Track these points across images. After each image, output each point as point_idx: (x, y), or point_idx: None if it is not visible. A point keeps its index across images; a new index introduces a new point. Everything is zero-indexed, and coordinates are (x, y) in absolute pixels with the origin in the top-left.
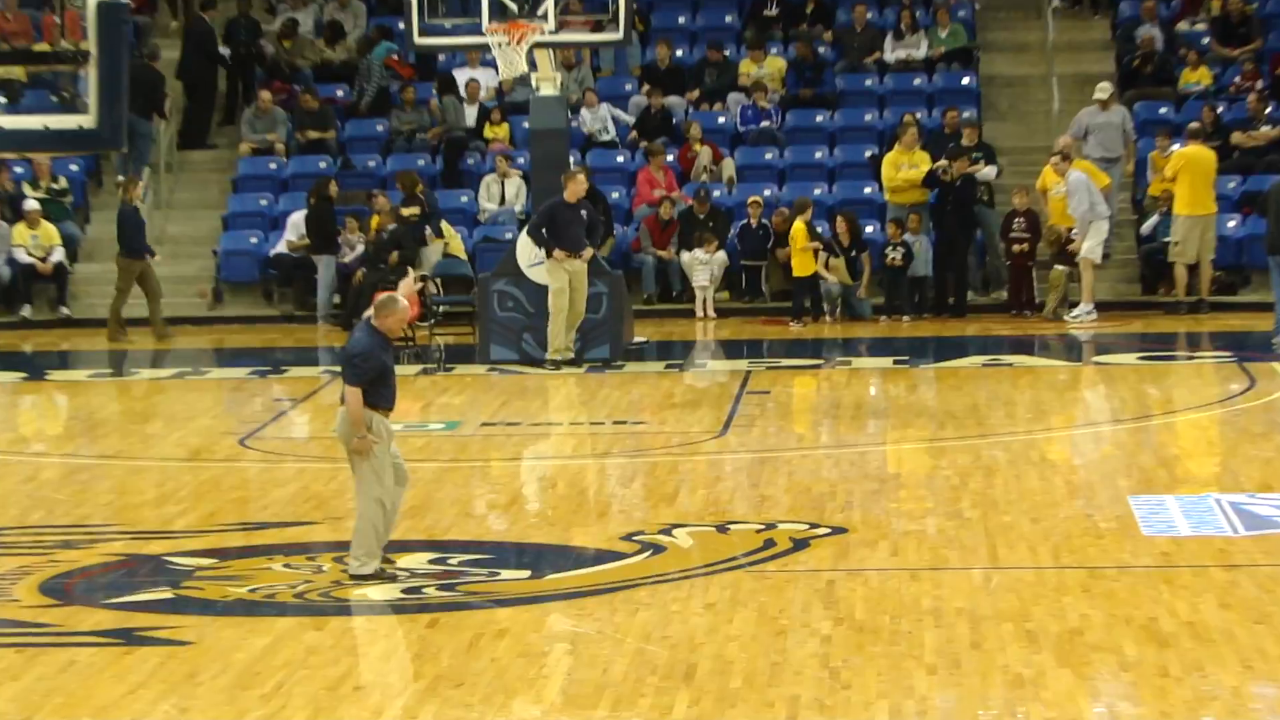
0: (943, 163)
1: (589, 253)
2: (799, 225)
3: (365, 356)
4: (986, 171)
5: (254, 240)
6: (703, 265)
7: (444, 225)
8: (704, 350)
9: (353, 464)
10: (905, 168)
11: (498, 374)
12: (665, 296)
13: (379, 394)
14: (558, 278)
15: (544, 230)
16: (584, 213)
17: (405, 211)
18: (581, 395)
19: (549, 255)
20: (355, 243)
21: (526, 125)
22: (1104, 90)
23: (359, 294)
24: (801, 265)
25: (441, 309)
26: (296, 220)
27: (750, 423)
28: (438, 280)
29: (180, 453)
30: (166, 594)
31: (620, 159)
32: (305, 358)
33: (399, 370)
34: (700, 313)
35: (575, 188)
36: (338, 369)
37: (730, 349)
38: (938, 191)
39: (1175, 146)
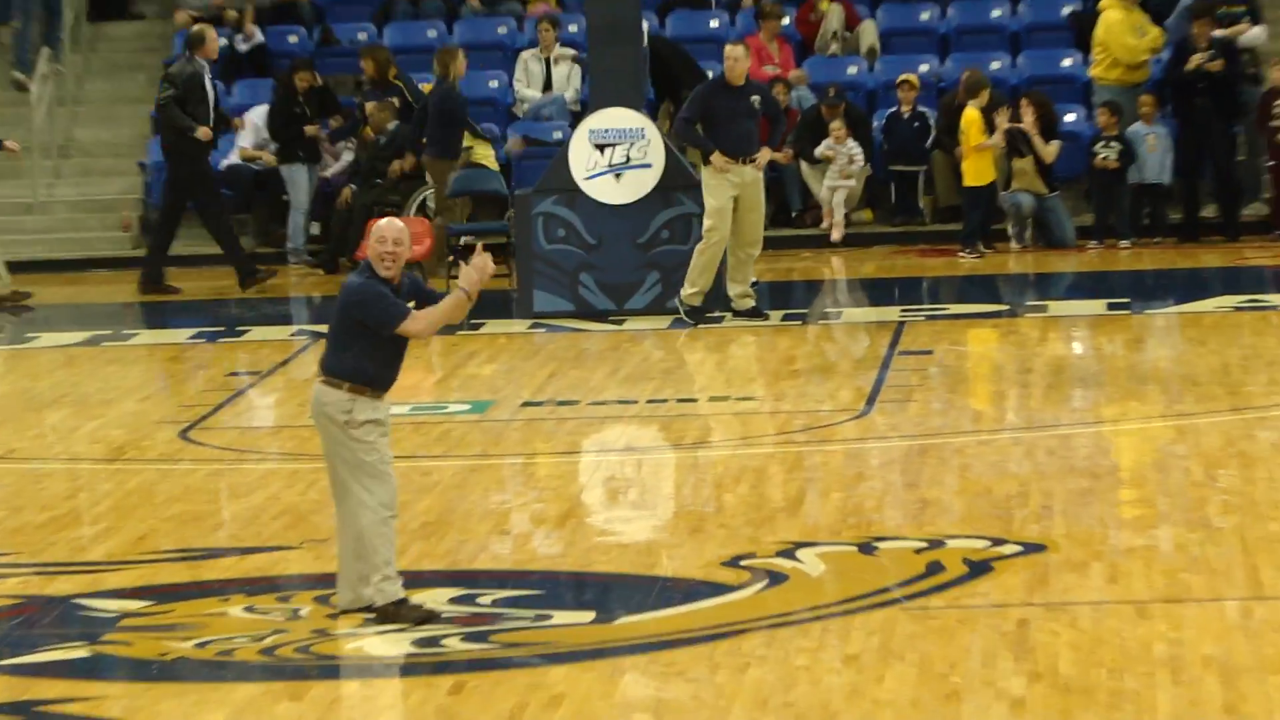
0: (1199, 58)
1: (765, 157)
2: (972, 114)
3: (372, 290)
4: (1253, 34)
5: None
6: (835, 173)
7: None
8: (837, 294)
9: (339, 462)
10: (1140, 34)
11: (545, 332)
12: (781, 218)
13: (370, 366)
14: (718, 193)
15: (698, 125)
16: (755, 99)
17: (372, 108)
18: (665, 361)
19: (705, 161)
20: (341, 149)
21: None
22: None
23: (348, 221)
24: (976, 171)
25: (463, 241)
26: (257, 119)
27: (905, 396)
28: (456, 201)
29: (97, 450)
30: (80, 651)
31: (714, 24)
32: (272, 313)
33: None
34: (832, 239)
35: (738, 65)
36: (319, 328)
37: (875, 291)
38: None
39: None
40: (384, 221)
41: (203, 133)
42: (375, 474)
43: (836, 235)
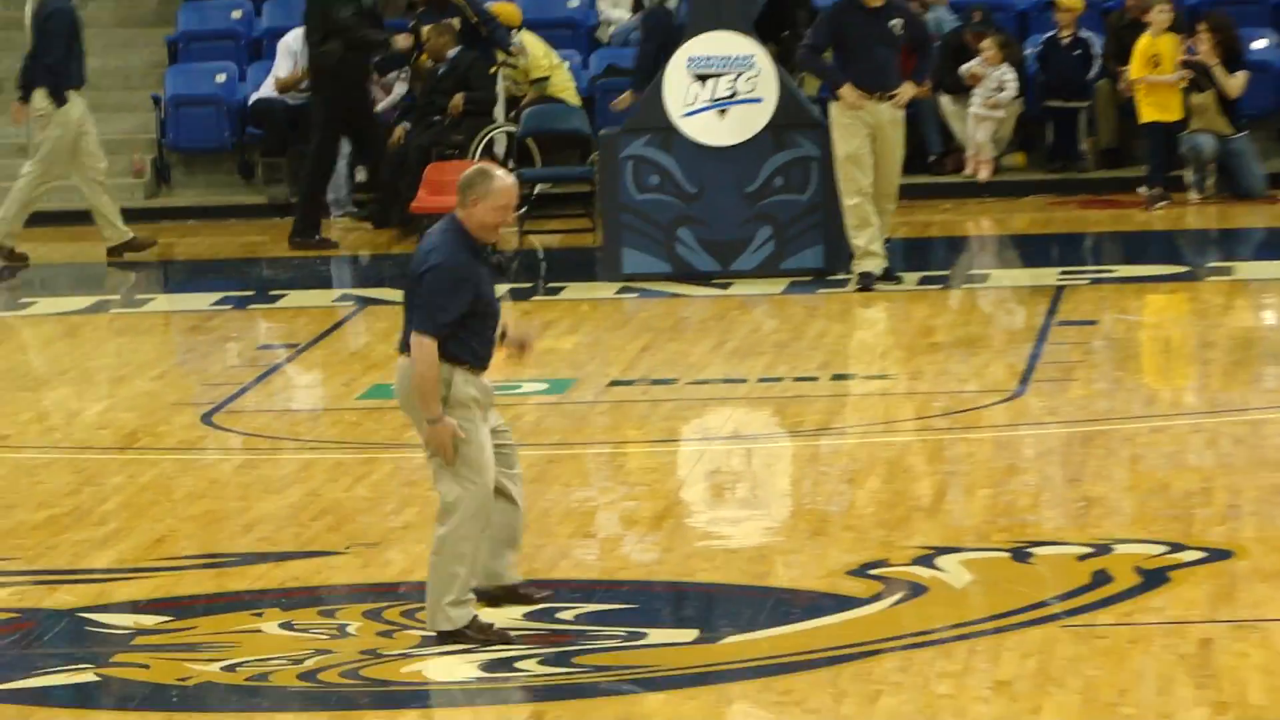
0: None
1: (907, 93)
2: (1147, 41)
3: (455, 277)
4: None
5: (221, 79)
6: (980, 101)
7: (537, 45)
8: (984, 252)
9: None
10: None
11: (636, 297)
12: (917, 163)
13: (466, 340)
14: (849, 135)
15: (820, 52)
16: (895, 24)
17: (429, 32)
18: (779, 332)
19: (832, 94)
20: (393, 81)
21: None
22: None
23: (400, 166)
24: (1155, 105)
25: (538, 189)
26: (292, 44)
27: (1065, 374)
28: (529, 140)
29: (105, 438)
30: (86, 675)
31: None
32: (310, 275)
33: None
34: (979, 178)
35: None
36: (366, 292)
37: (1029, 250)
38: None
39: None
40: (508, 181)
41: (402, 39)
42: (467, 470)
43: (984, 174)
